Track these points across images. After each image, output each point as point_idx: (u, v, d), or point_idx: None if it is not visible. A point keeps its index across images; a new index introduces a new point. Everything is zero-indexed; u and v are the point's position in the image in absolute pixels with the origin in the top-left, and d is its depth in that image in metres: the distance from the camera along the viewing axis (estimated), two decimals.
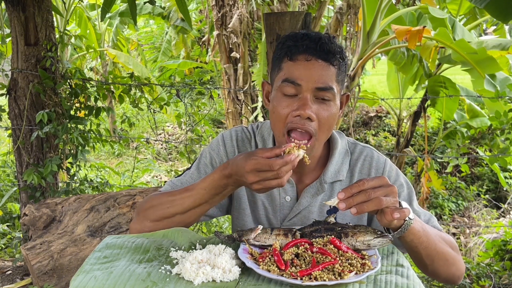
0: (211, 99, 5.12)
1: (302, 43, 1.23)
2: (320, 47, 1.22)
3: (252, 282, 1.07)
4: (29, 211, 2.87)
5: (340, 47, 1.26)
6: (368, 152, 1.40)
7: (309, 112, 1.20)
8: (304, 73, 1.22)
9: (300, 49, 1.22)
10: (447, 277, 1.30)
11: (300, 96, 1.22)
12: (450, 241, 1.30)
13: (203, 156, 1.46)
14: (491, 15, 2.87)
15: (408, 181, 1.40)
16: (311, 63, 1.21)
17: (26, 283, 3.00)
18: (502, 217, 5.16)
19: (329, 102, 1.23)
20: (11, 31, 3.20)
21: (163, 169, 6.63)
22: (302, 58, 1.22)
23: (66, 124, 3.20)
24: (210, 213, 1.46)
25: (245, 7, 5.26)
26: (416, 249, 1.20)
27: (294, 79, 1.22)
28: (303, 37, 1.24)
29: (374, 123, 8.18)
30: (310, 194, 1.36)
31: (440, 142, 4.90)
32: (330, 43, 1.24)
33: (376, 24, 4.31)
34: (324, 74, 1.21)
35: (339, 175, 1.36)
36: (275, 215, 1.40)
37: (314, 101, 1.23)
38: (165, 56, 8.57)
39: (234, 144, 1.43)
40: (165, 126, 8.98)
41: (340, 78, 1.26)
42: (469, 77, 4.05)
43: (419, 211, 1.36)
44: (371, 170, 1.37)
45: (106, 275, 1.08)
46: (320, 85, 1.21)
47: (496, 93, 3.70)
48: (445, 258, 1.25)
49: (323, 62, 1.22)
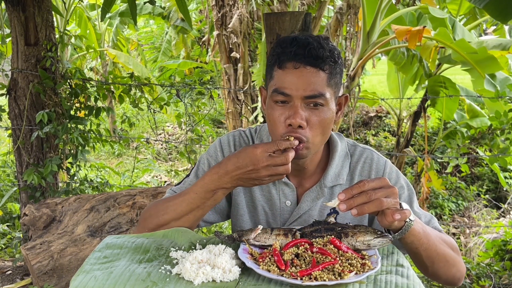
0: (211, 99, 5.12)
1: (290, 49, 1.21)
2: (308, 53, 1.19)
3: (252, 282, 1.07)
4: (29, 211, 2.87)
5: (331, 49, 1.23)
6: (368, 154, 1.39)
7: (299, 120, 1.20)
8: (292, 81, 1.21)
9: (288, 56, 1.21)
10: (448, 278, 1.29)
11: (291, 104, 1.22)
12: (450, 243, 1.30)
13: (201, 162, 1.45)
14: (490, 15, 2.86)
15: (409, 182, 1.40)
16: (299, 70, 1.20)
17: (26, 283, 3.00)
18: (502, 217, 5.16)
19: (322, 107, 1.22)
20: (11, 31, 3.20)
21: (163, 169, 6.63)
22: (291, 66, 1.21)
23: (66, 124, 3.20)
24: (210, 219, 1.46)
25: (245, 7, 5.26)
26: (416, 251, 1.20)
27: (283, 90, 1.22)
28: (292, 42, 1.22)
29: (374, 123, 8.18)
30: (310, 198, 1.36)
31: (440, 142, 4.90)
32: (319, 47, 1.20)
33: (376, 24, 4.31)
34: (313, 82, 1.20)
35: (339, 178, 1.36)
36: (275, 220, 1.40)
37: (305, 108, 1.22)
38: (165, 56, 8.57)
39: (232, 150, 1.43)
40: (165, 126, 8.98)
41: (333, 81, 1.23)
42: (469, 77, 4.05)
43: (419, 212, 1.35)
44: (371, 172, 1.37)
45: (106, 275, 1.08)
46: (309, 93, 1.20)
47: (496, 93, 3.70)
48: (446, 260, 1.25)
49: (312, 68, 1.20)
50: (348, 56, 5.24)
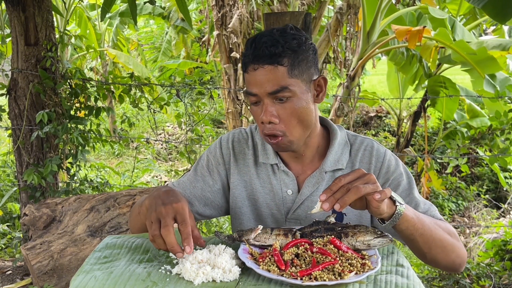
0: (211, 99, 5.12)
1: (248, 52, 1.26)
2: (262, 52, 1.22)
3: (252, 282, 1.07)
4: (29, 211, 2.87)
5: (288, 41, 1.23)
6: (368, 142, 1.42)
7: (268, 117, 1.25)
8: (255, 82, 1.25)
9: (248, 59, 1.25)
10: (447, 264, 1.29)
11: (261, 102, 1.27)
12: (447, 228, 1.30)
13: (201, 158, 1.51)
14: (488, 15, 2.86)
15: (408, 170, 1.41)
16: (258, 71, 1.24)
17: (26, 283, 3.00)
18: (502, 217, 5.16)
19: (290, 99, 1.25)
20: (11, 31, 3.20)
21: (163, 169, 6.63)
22: (251, 68, 1.25)
23: (66, 124, 3.20)
24: (205, 213, 1.48)
25: (245, 7, 5.26)
26: (412, 237, 1.21)
27: (250, 91, 1.27)
28: (251, 45, 1.26)
29: (374, 123, 8.19)
30: (311, 184, 1.38)
31: (440, 142, 4.90)
32: (272, 44, 1.22)
33: (376, 24, 4.32)
34: (272, 78, 1.23)
35: (339, 163, 1.38)
36: (279, 210, 1.41)
37: (274, 103, 1.26)
38: (165, 56, 8.58)
39: (230, 146, 1.47)
40: (165, 126, 8.98)
41: (296, 71, 1.24)
42: (469, 77, 4.05)
43: (419, 199, 1.37)
44: (372, 159, 1.39)
45: (106, 275, 1.08)
46: (270, 89, 1.23)
47: (496, 93, 3.70)
48: (443, 245, 1.25)
49: (268, 66, 1.23)
50: (348, 56, 5.24)
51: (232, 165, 1.46)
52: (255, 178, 1.43)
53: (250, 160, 1.45)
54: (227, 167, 1.47)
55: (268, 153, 1.42)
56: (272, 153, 1.41)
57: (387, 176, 1.37)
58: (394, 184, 1.36)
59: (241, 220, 1.46)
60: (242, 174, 1.45)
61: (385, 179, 1.37)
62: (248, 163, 1.45)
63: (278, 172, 1.41)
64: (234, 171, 1.45)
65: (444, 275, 3.26)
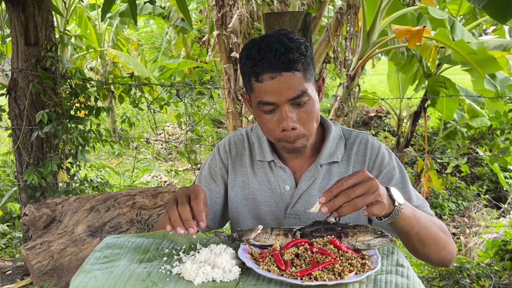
0: (211, 99, 5.12)
1: (261, 61, 1.22)
2: (278, 60, 1.21)
3: (252, 282, 1.07)
4: (29, 211, 2.87)
5: (298, 46, 1.24)
6: (363, 136, 1.44)
7: (291, 124, 1.25)
8: (272, 91, 1.23)
9: (261, 68, 1.23)
10: (438, 260, 1.31)
11: (278, 110, 1.26)
12: (440, 225, 1.31)
13: (203, 169, 1.54)
14: (489, 15, 2.85)
15: (401, 164, 1.43)
16: (276, 79, 1.22)
17: (26, 283, 3.00)
18: (502, 217, 5.16)
19: (307, 102, 1.26)
20: (11, 31, 3.20)
21: (163, 169, 6.63)
22: (267, 77, 1.23)
23: (66, 124, 3.20)
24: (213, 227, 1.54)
25: (245, 7, 5.25)
26: (407, 234, 1.21)
27: (267, 100, 1.25)
28: (259, 52, 1.23)
29: (374, 123, 8.19)
30: (308, 178, 1.40)
31: (440, 142, 4.90)
32: (287, 51, 1.21)
33: (376, 24, 4.31)
34: (292, 84, 1.22)
35: (334, 157, 1.40)
36: (278, 207, 1.43)
37: (293, 109, 1.26)
38: (165, 56, 8.57)
39: (227, 149, 1.50)
40: (165, 126, 8.98)
41: (308, 74, 1.26)
42: (469, 77, 4.05)
43: (412, 193, 1.38)
44: (367, 152, 1.41)
45: (106, 275, 1.08)
46: (292, 95, 1.23)
47: (496, 93, 3.70)
48: (436, 243, 1.27)
49: (286, 73, 1.22)
50: (348, 56, 5.24)
51: (229, 167, 1.49)
52: (252, 177, 1.45)
53: (247, 161, 1.47)
54: (227, 169, 1.50)
55: (264, 151, 1.44)
56: (268, 150, 1.43)
57: (380, 169, 1.39)
58: (387, 177, 1.38)
59: (238, 220, 1.48)
60: (239, 175, 1.47)
61: (378, 171, 1.39)
62: (245, 163, 1.47)
63: (275, 169, 1.43)
64: (231, 172, 1.48)
65: (444, 275, 3.26)
